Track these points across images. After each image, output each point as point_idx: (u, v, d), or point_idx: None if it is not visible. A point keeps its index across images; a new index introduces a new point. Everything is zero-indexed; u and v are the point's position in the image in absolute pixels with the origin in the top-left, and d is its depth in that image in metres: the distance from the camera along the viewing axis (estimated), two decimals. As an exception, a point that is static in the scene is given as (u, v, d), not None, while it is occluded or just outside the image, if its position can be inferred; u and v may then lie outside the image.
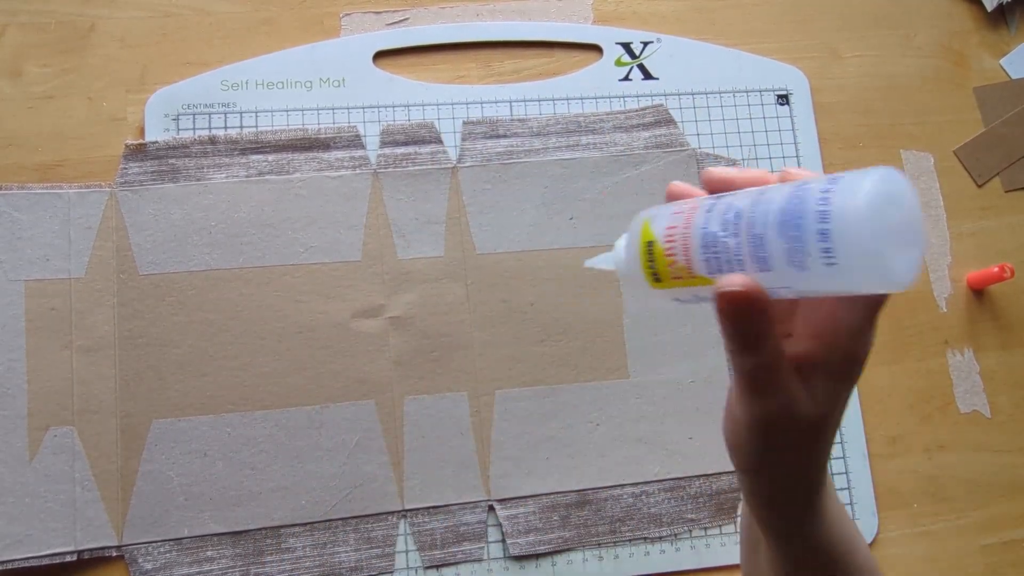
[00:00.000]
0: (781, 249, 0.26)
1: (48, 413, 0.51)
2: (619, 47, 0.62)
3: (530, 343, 0.55)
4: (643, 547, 0.54)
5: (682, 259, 0.30)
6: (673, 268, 0.30)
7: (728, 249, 0.28)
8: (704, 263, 0.29)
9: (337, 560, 0.51)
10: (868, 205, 0.25)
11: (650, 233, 0.31)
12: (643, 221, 0.32)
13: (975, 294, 0.61)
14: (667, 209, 0.31)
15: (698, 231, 0.29)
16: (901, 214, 0.25)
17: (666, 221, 0.31)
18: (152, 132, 0.56)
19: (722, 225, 0.28)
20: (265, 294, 0.54)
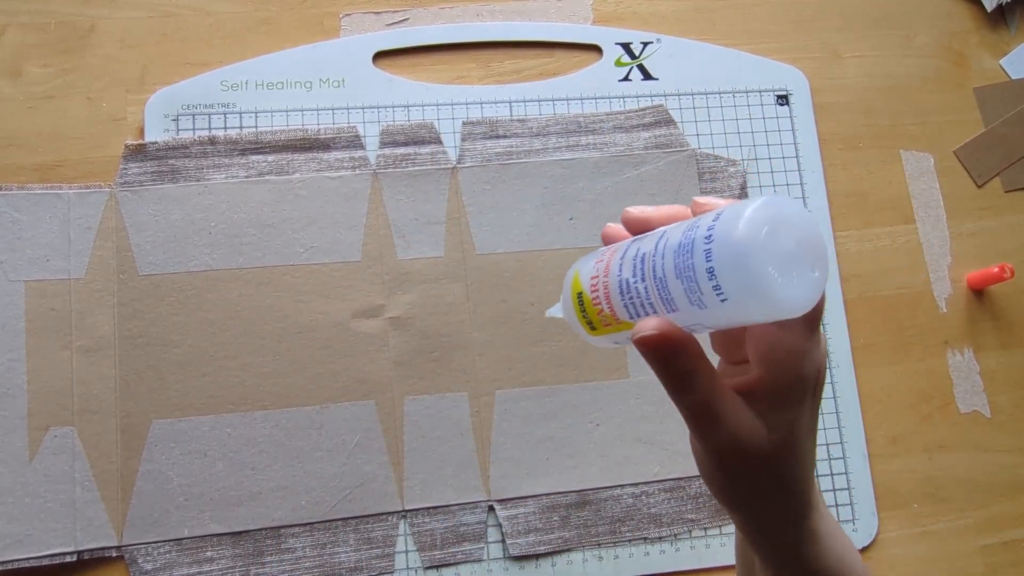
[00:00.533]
0: (680, 290, 0.27)
1: (48, 413, 0.51)
2: (619, 47, 0.62)
3: (530, 343, 0.55)
4: (643, 547, 0.54)
5: (606, 307, 0.30)
6: (601, 316, 0.31)
7: (640, 294, 0.28)
8: (624, 309, 0.30)
9: (337, 560, 0.51)
10: (746, 238, 0.25)
11: (579, 284, 0.32)
12: (574, 272, 0.32)
13: (975, 294, 0.61)
14: (592, 258, 0.32)
15: (614, 278, 0.30)
16: (791, 239, 0.25)
17: (588, 275, 0.31)
18: (152, 132, 0.56)
19: (632, 270, 0.29)
20: (265, 294, 0.54)
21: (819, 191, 0.61)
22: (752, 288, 0.25)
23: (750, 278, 0.25)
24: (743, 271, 0.25)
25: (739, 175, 0.60)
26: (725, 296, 0.25)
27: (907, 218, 0.62)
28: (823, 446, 0.56)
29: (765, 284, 0.25)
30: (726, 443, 0.29)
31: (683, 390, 0.29)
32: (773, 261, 0.25)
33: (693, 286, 0.26)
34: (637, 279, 0.29)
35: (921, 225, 0.62)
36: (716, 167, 0.60)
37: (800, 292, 0.25)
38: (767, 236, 0.25)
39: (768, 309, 0.25)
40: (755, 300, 0.25)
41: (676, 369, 0.28)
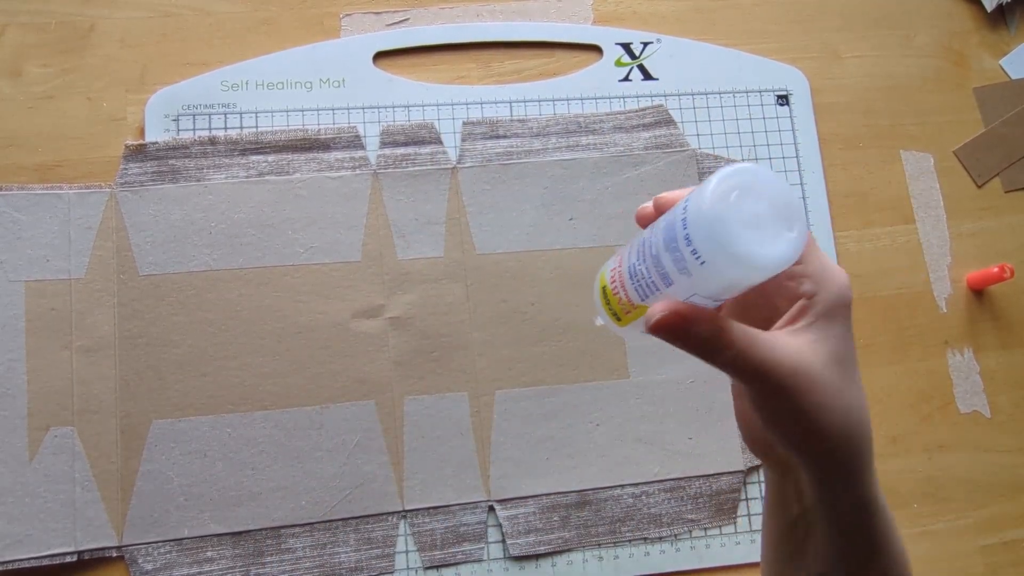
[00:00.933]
0: (670, 261, 0.29)
1: (48, 413, 0.51)
2: (619, 47, 0.62)
3: (530, 343, 0.55)
4: (643, 547, 0.54)
5: (623, 294, 0.32)
6: (621, 304, 0.32)
7: (643, 274, 0.30)
8: (635, 292, 0.31)
9: (337, 560, 0.51)
10: (713, 200, 0.27)
11: (603, 279, 0.34)
12: (601, 270, 0.34)
13: (975, 294, 0.61)
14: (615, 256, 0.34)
15: (626, 266, 0.32)
16: (761, 201, 0.27)
17: (612, 264, 0.33)
18: (152, 132, 0.56)
19: (638, 255, 0.31)
20: (265, 294, 0.54)
21: (819, 191, 0.61)
22: (723, 247, 0.27)
23: (719, 238, 0.27)
24: (711, 231, 0.27)
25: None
26: (702, 258, 0.27)
27: (907, 218, 0.62)
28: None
29: (734, 242, 0.26)
30: (783, 374, 0.29)
31: (715, 351, 0.29)
32: (741, 220, 0.27)
33: (678, 255, 0.28)
34: (641, 261, 0.30)
35: (921, 225, 0.62)
36: (716, 167, 0.60)
37: (776, 250, 0.27)
38: (736, 199, 0.27)
39: (744, 266, 0.27)
40: (729, 259, 0.27)
41: (697, 337, 0.29)
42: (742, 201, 0.27)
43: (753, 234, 0.27)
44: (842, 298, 0.31)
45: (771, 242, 0.27)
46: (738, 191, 0.27)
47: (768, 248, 0.27)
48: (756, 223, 0.27)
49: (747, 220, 0.27)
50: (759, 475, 0.56)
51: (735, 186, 0.27)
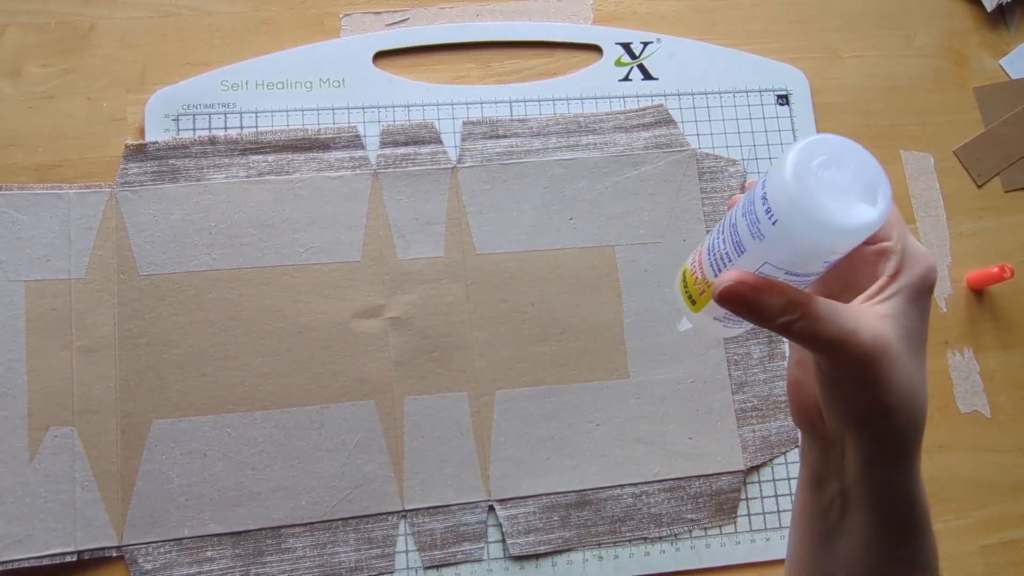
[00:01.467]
0: (745, 228, 0.29)
1: (48, 413, 0.51)
2: (619, 47, 0.62)
3: (530, 343, 0.55)
4: (643, 547, 0.54)
5: (699, 273, 0.32)
6: (697, 285, 0.33)
7: (719, 248, 0.31)
8: (711, 268, 0.32)
9: (337, 560, 0.51)
10: (790, 163, 0.27)
11: (686, 264, 0.34)
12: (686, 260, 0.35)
13: (975, 294, 0.61)
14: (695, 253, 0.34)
15: (707, 243, 0.32)
16: (845, 169, 0.28)
17: (692, 254, 0.34)
18: (152, 132, 0.56)
19: (719, 230, 0.31)
20: (265, 294, 0.54)
21: (819, 191, 0.61)
22: (799, 207, 0.27)
23: (796, 199, 0.27)
24: (788, 191, 0.27)
25: (739, 175, 0.60)
26: (775, 216, 0.28)
27: (907, 218, 0.62)
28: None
29: (812, 205, 0.27)
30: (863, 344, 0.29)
31: (790, 321, 0.29)
32: (821, 185, 0.27)
33: (753, 218, 0.29)
34: (720, 237, 0.31)
35: (921, 225, 0.62)
36: (716, 167, 0.60)
37: (855, 215, 0.27)
38: (818, 165, 0.27)
39: (820, 230, 0.27)
40: (805, 220, 0.27)
41: (770, 307, 0.29)
42: (825, 168, 0.27)
43: (833, 198, 0.27)
44: (926, 279, 0.31)
45: (851, 208, 0.27)
46: (823, 157, 0.28)
47: (847, 213, 0.27)
48: (837, 189, 0.27)
49: (827, 185, 0.27)
50: (759, 475, 0.56)
51: (819, 153, 0.28)
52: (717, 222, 0.32)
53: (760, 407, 0.56)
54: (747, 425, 0.56)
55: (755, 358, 0.57)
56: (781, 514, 0.55)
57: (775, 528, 0.55)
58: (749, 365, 0.57)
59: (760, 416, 0.56)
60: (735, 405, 0.56)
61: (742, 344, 0.57)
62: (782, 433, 0.56)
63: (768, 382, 0.57)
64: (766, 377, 0.57)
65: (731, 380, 0.56)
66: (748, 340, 0.57)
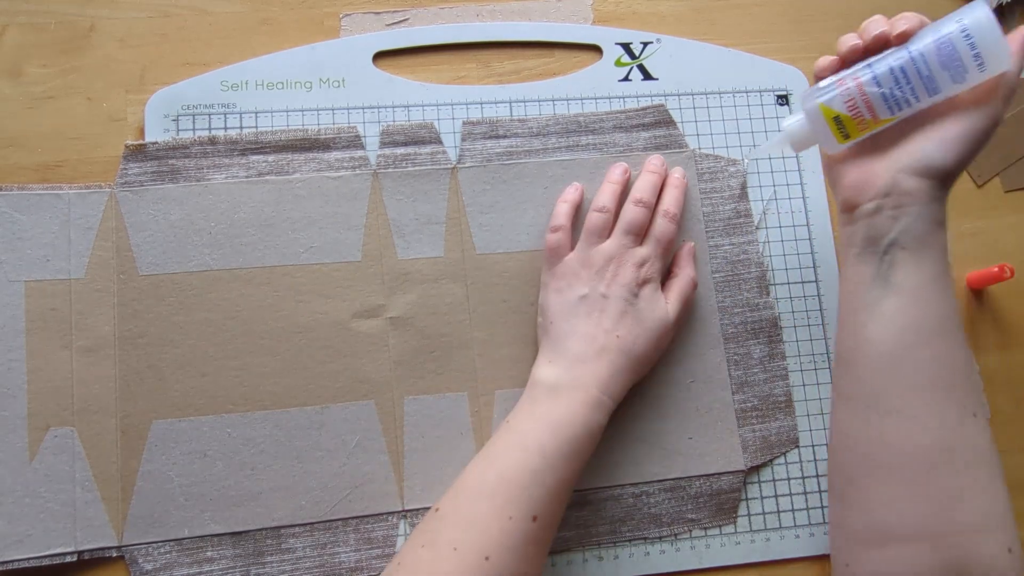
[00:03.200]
0: (946, 77, 0.43)
1: (48, 413, 0.51)
2: (619, 47, 0.62)
3: (530, 343, 0.55)
4: (643, 547, 0.54)
5: (869, 116, 0.45)
6: (861, 124, 0.46)
7: (903, 94, 0.44)
8: (888, 111, 0.45)
9: (337, 560, 0.51)
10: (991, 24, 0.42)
11: (831, 111, 0.46)
12: (818, 106, 0.47)
13: (975, 294, 0.61)
14: (830, 91, 0.46)
15: (875, 96, 0.45)
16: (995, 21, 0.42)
17: (840, 101, 0.46)
18: (152, 133, 0.56)
19: (894, 84, 0.44)
20: (265, 294, 0.54)
21: (819, 191, 0.61)
22: (999, 51, 0.42)
23: (999, 46, 0.42)
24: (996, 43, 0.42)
25: (739, 175, 0.60)
26: (985, 64, 0.42)
27: (907, 218, 0.62)
28: (822, 446, 0.56)
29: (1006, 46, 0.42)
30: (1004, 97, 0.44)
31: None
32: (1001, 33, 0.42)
33: (960, 68, 0.43)
34: (900, 86, 0.44)
35: (921, 225, 0.62)
36: (716, 167, 0.60)
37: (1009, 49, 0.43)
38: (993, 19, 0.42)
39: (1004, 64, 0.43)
40: (999, 60, 0.42)
41: None
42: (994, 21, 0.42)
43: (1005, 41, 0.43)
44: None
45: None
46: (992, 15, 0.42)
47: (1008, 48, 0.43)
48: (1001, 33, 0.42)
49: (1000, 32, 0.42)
50: (759, 475, 0.56)
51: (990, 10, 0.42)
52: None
53: (760, 407, 0.56)
54: (747, 425, 0.56)
55: (755, 358, 0.57)
56: (781, 514, 0.55)
57: (775, 528, 0.55)
58: (749, 365, 0.57)
59: (760, 416, 0.56)
60: (735, 405, 0.56)
61: (742, 344, 0.57)
62: (782, 433, 0.56)
63: (768, 382, 0.57)
64: (766, 377, 0.57)
65: (731, 380, 0.56)
66: (748, 340, 0.57)
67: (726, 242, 0.59)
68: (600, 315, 0.51)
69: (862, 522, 0.46)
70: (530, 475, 0.45)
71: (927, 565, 0.43)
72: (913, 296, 0.45)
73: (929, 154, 0.44)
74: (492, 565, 0.42)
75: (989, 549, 0.42)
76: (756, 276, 0.58)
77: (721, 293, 0.58)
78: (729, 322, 0.57)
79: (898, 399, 0.44)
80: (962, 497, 0.43)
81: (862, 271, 0.47)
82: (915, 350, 0.44)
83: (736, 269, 0.58)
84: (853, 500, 0.46)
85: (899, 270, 0.45)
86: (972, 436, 0.44)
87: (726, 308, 0.58)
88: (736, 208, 0.59)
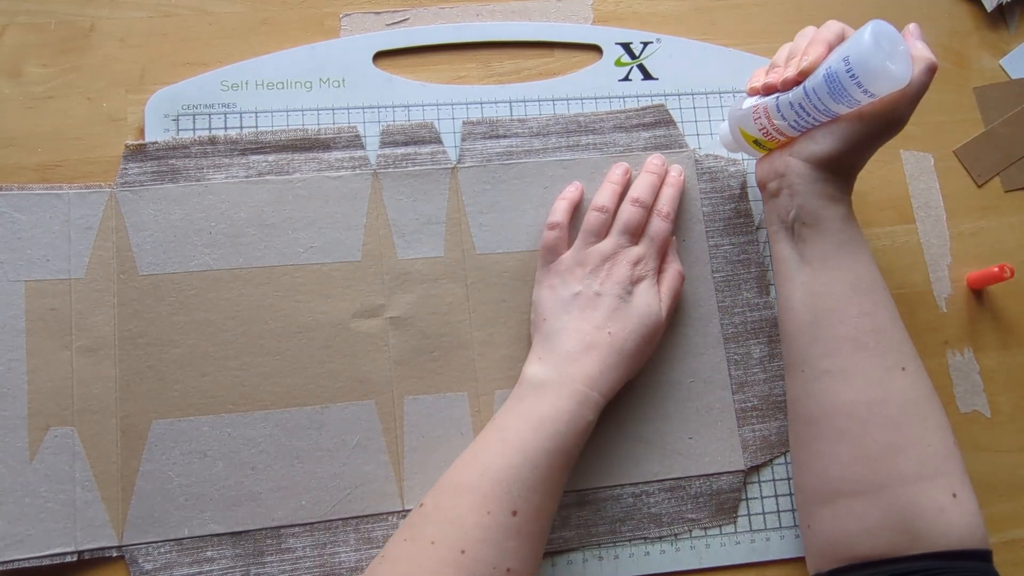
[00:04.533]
0: (839, 105, 0.47)
1: (48, 413, 0.51)
2: (619, 47, 0.62)
3: (530, 343, 0.55)
4: (643, 547, 0.54)
5: (780, 137, 0.52)
6: (774, 141, 0.52)
7: (803, 121, 0.49)
8: (794, 131, 0.51)
9: (337, 560, 0.51)
10: (873, 53, 0.45)
11: (749, 136, 0.53)
12: (738, 129, 0.54)
13: (975, 294, 0.61)
14: (747, 119, 0.53)
15: (782, 124, 0.50)
16: (890, 41, 0.46)
17: (755, 129, 0.52)
18: (152, 132, 0.56)
19: (795, 115, 0.49)
20: (265, 294, 0.54)
21: (819, 191, 0.61)
22: (884, 79, 0.45)
23: (883, 75, 0.45)
24: (879, 73, 0.45)
25: (739, 175, 0.60)
26: (871, 92, 0.46)
27: (907, 218, 0.62)
28: (823, 446, 0.56)
29: (889, 74, 0.45)
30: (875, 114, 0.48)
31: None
32: (887, 56, 0.45)
33: (849, 98, 0.46)
34: (801, 115, 0.49)
35: (921, 225, 0.62)
36: (716, 167, 0.60)
37: (904, 70, 0.46)
38: (881, 41, 0.45)
39: (889, 87, 0.46)
40: (886, 84, 0.46)
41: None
42: (881, 43, 0.45)
43: (892, 63, 0.45)
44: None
45: (900, 66, 0.46)
46: (876, 40, 0.45)
47: (901, 70, 0.46)
48: (890, 55, 0.45)
49: (888, 55, 0.45)
50: (759, 475, 0.56)
51: (876, 36, 0.45)
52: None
53: (760, 407, 0.56)
54: (747, 425, 0.56)
55: (755, 358, 0.57)
56: (781, 514, 0.55)
57: (775, 528, 0.55)
58: (749, 365, 0.57)
59: (760, 416, 0.56)
60: (735, 405, 0.56)
61: (742, 344, 0.57)
62: (782, 433, 0.56)
63: (768, 382, 0.57)
64: (766, 377, 0.57)
65: (731, 380, 0.56)
66: (748, 340, 0.57)
67: (726, 242, 0.59)
68: (592, 312, 0.51)
69: (813, 482, 0.49)
70: (510, 471, 0.45)
71: (875, 517, 0.45)
72: (822, 265, 0.50)
73: (809, 145, 0.50)
74: (469, 559, 0.43)
75: (933, 496, 0.45)
76: (756, 276, 0.58)
77: (721, 293, 0.58)
78: (729, 322, 0.57)
79: (823, 360, 0.49)
80: (899, 448, 0.46)
81: (781, 248, 0.52)
82: (830, 315, 0.49)
83: (736, 269, 0.58)
84: (803, 461, 0.50)
85: (807, 244, 0.50)
86: (903, 390, 0.47)
87: (726, 308, 0.58)
88: (736, 208, 0.59)
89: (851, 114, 0.48)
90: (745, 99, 0.53)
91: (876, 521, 0.45)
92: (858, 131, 0.48)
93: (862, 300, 0.49)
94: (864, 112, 0.48)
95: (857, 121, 0.48)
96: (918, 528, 0.44)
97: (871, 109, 0.48)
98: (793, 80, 0.49)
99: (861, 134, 0.48)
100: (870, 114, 0.48)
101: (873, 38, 0.45)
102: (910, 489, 0.45)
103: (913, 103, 0.48)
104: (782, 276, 0.52)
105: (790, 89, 0.49)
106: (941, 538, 0.44)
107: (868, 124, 0.48)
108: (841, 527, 0.47)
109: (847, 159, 0.50)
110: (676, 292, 0.55)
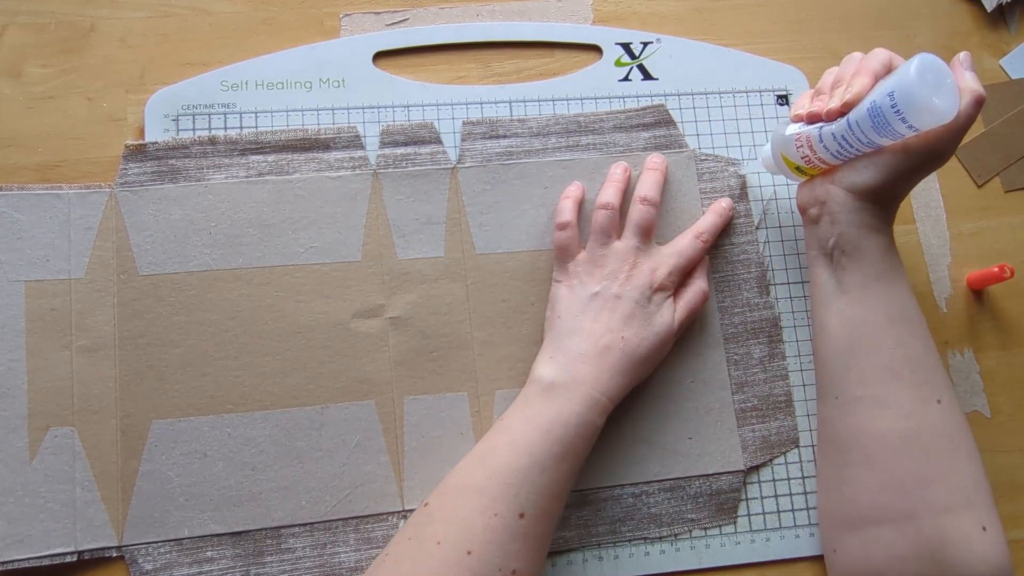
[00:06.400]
0: (882, 138, 0.47)
1: (48, 413, 0.51)
2: (619, 47, 0.62)
3: (530, 343, 0.55)
4: (643, 547, 0.54)
5: (822, 165, 0.51)
6: (816, 169, 0.52)
7: (845, 151, 0.49)
8: (836, 160, 0.50)
9: (337, 560, 0.51)
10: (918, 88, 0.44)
11: (792, 163, 0.53)
12: (780, 155, 0.54)
13: (975, 294, 0.61)
14: (790, 146, 0.53)
15: (824, 153, 0.50)
16: (937, 74, 0.45)
17: (798, 156, 0.52)
18: (152, 133, 0.56)
19: (837, 146, 0.49)
20: (265, 294, 0.54)
21: (819, 191, 0.61)
22: (929, 115, 0.44)
23: (927, 111, 0.44)
24: (924, 109, 0.44)
25: (739, 175, 0.60)
26: (915, 127, 0.45)
27: (907, 218, 0.62)
28: (823, 446, 0.56)
29: (933, 109, 0.44)
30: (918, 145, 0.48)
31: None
32: (934, 92, 0.44)
33: (893, 132, 0.46)
34: (844, 146, 0.49)
35: (921, 225, 0.62)
36: (716, 167, 0.60)
37: (951, 104, 0.45)
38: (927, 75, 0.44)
39: (935, 121, 0.45)
40: (930, 120, 0.45)
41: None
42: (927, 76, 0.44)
43: (938, 99, 0.44)
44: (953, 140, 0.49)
45: (947, 100, 0.45)
46: (922, 75, 0.44)
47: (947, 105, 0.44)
48: (937, 90, 0.44)
49: (935, 90, 0.44)
50: (759, 475, 0.56)
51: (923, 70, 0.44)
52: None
53: (760, 407, 0.56)
54: (747, 425, 0.56)
55: (755, 358, 0.57)
56: (781, 514, 0.55)
57: (775, 528, 0.55)
58: (749, 365, 0.57)
59: (760, 416, 0.56)
60: (735, 405, 0.56)
61: (742, 344, 0.57)
62: (782, 433, 0.56)
63: (768, 382, 0.57)
64: (766, 377, 0.57)
65: (731, 380, 0.56)
66: (748, 340, 0.57)
67: (726, 242, 0.59)
68: (609, 315, 0.51)
69: (842, 507, 0.49)
70: (518, 474, 0.45)
71: (903, 546, 0.46)
72: (859, 294, 0.50)
73: (851, 175, 0.50)
74: (475, 559, 0.43)
75: (962, 528, 0.45)
76: (756, 276, 0.58)
77: (721, 293, 0.58)
78: (729, 322, 0.57)
79: (857, 388, 0.49)
80: (930, 480, 0.46)
81: (819, 273, 0.52)
82: (866, 344, 0.49)
83: (736, 269, 0.58)
84: (832, 485, 0.51)
85: (846, 272, 0.50)
86: (936, 422, 0.47)
87: (726, 308, 0.58)
88: (736, 208, 0.59)
89: (895, 145, 0.48)
90: (788, 124, 0.53)
91: (904, 550, 0.46)
92: (901, 163, 0.48)
93: (899, 330, 0.49)
94: (909, 144, 0.47)
95: (901, 153, 0.48)
96: (947, 558, 0.44)
97: (916, 142, 0.47)
98: (837, 112, 0.48)
99: (904, 166, 0.48)
100: (915, 147, 0.47)
101: (919, 73, 0.44)
102: (940, 520, 0.45)
103: (959, 136, 0.47)
104: (819, 302, 0.52)
105: (834, 120, 0.49)
106: (969, 570, 0.44)
107: (912, 157, 0.48)
108: (869, 554, 0.47)
109: (889, 190, 0.49)
110: (694, 308, 0.54)
